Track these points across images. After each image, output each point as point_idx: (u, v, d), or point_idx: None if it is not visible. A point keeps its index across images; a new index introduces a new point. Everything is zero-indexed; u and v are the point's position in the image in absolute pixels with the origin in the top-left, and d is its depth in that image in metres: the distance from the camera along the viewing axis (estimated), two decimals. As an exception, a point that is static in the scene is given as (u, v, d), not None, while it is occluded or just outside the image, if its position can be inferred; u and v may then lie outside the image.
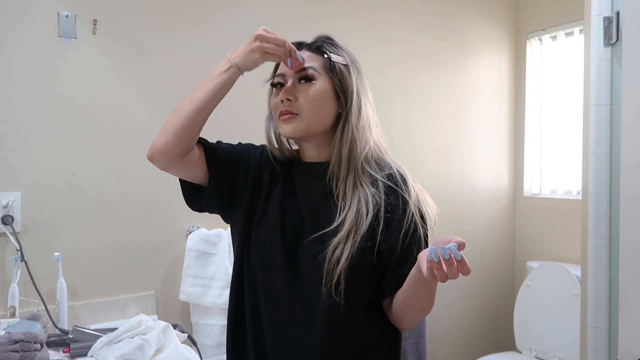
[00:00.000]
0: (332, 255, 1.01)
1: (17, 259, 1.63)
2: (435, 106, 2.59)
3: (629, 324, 1.46)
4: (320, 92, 1.06)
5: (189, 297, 1.88)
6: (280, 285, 1.07)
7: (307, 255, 1.05)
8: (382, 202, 1.04)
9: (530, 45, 2.82)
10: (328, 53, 1.08)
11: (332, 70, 1.07)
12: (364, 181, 1.06)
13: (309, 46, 1.10)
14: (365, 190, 1.05)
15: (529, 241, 2.81)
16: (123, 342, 1.44)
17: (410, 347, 2.30)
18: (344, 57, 1.10)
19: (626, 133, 1.49)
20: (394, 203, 1.05)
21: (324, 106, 1.07)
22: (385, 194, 1.05)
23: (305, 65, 1.06)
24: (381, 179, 1.06)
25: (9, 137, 1.67)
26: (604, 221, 1.60)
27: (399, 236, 1.04)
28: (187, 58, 1.96)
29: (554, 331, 2.36)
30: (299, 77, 1.07)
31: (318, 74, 1.07)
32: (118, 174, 1.84)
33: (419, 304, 1.05)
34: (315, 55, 1.08)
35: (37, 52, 1.70)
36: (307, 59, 1.07)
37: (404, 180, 1.08)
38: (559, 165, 2.69)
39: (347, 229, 1.02)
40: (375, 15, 2.40)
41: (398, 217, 1.04)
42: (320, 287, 1.02)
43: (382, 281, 1.07)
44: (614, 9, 1.58)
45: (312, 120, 1.06)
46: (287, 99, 1.06)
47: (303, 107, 1.06)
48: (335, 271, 1.00)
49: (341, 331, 1.05)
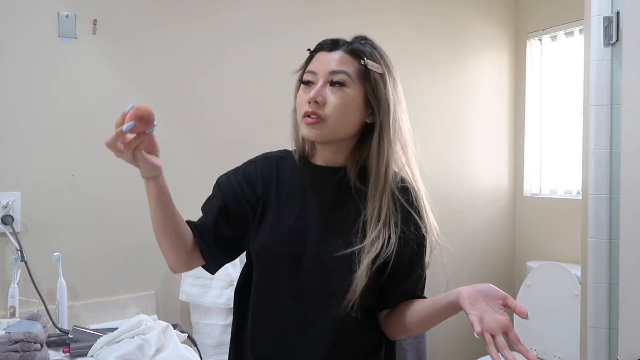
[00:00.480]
0: (355, 282, 0.98)
1: (17, 259, 1.63)
2: (435, 106, 2.59)
3: (629, 324, 1.45)
4: (350, 100, 1.01)
5: (189, 297, 1.88)
6: (286, 297, 1.05)
7: (318, 277, 1.02)
8: (399, 229, 1.02)
9: (530, 45, 2.82)
10: (365, 59, 1.02)
11: (367, 77, 1.03)
12: (391, 203, 1.02)
13: (346, 47, 1.04)
14: (391, 216, 1.02)
15: (529, 241, 2.81)
16: (123, 342, 1.44)
17: (410, 347, 2.30)
18: (381, 63, 1.05)
19: (626, 133, 1.49)
20: (409, 229, 1.04)
21: (351, 114, 1.02)
22: (404, 221, 1.03)
23: (338, 69, 1.01)
24: (403, 202, 1.04)
25: (9, 137, 1.67)
26: (604, 221, 1.60)
27: (407, 253, 1.04)
28: (187, 58, 1.96)
29: (554, 331, 2.36)
30: (331, 80, 1.01)
31: (351, 81, 1.02)
32: (118, 174, 1.84)
33: (428, 326, 1.07)
34: (351, 58, 1.03)
35: (37, 52, 1.70)
36: (340, 61, 1.02)
37: (418, 200, 1.06)
38: (559, 165, 2.69)
39: (372, 256, 0.99)
40: (375, 15, 2.40)
41: (410, 238, 1.04)
42: (330, 307, 1.01)
43: (386, 292, 1.06)
44: (614, 9, 1.58)
45: (337, 127, 1.02)
46: (315, 101, 1.00)
47: (330, 113, 1.00)
48: (355, 295, 0.99)
49: (349, 341, 1.04)
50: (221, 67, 2.01)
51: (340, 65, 1.02)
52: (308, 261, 1.03)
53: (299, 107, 1.05)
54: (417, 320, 1.04)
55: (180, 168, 1.94)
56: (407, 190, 1.06)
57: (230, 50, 2.03)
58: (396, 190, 1.04)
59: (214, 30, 2.00)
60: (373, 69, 1.03)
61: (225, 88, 2.02)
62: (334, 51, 1.03)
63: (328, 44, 1.05)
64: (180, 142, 1.95)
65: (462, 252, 2.66)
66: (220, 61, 2.02)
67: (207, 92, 1.99)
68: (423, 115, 2.55)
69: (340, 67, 1.02)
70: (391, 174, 1.03)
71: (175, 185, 1.92)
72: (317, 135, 1.02)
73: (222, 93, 2.02)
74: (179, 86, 1.95)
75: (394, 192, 1.04)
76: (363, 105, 1.03)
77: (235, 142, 2.03)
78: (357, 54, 1.03)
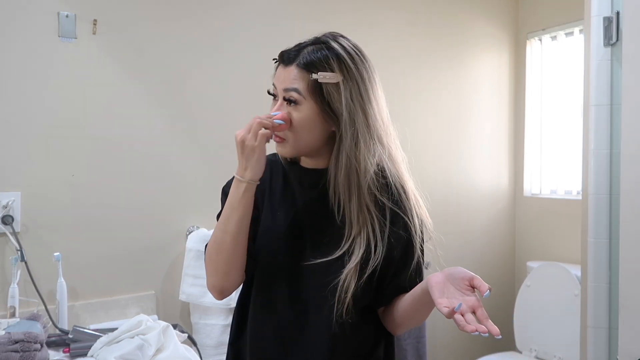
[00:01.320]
0: (343, 286, 0.98)
1: (17, 259, 1.63)
2: (435, 106, 2.59)
3: (629, 324, 1.45)
4: (304, 118, 0.99)
5: (189, 297, 1.88)
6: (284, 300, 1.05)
7: (312, 280, 1.03)
8: (387, 229, 1.02)
9: (530, 45, 2.82)
10: (315, 73, 0.97)
11: (319, 92, 0.98)
12: (370, 206, 1.00)
13: (300, 60, 0.99)
14: (372, 218, 1.00)
15: (529, 241, 2.81)
16: (123, 342, 1.44)
17: (410, 347, 2.30)
18: (336, 69, 0.99)
19: (626, 133, 1.49)
20: (396, 228, 1.03)
21: (309, 131, 1.00)
22: (391, 221, 1.02)
23: (290, 87, 0.99)
24: (385, 201, 1.02)
25: (9, 137, 1.67)
26: (604, 221, 1.60)
27: (398, 249, 1.03)
28: (187, 58, 1.95)
29: (554, 331, 2.36)
30: (285, 97, 1.00)
31: (302, 98, 0.98)
32: (118, 174, 1.84)
33: (418, 317, 1.06)
34: (303, 72, 0.98)
35: (37, 52, 1.70)
36: (293, 78, 0.99)
37: (407, 197, 1.05)
38: (559, 165, 2.69)
39: (356, 261, 0.98)
40: (374, 14, 2.39)
41: (399, 235, 1.03)
42: (325, 309, 1.01)
43: (380, 288, 1.06)
44: (614, 9, 1.58)
45: (299, 144, 1.01)
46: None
47: (291, 132, 1.00)
48: (346, 299, 0.98)
49: (347, 341, 1.03)
50: (221, 67, 2.01)
51: (291, 82, 0.99)
52: (301, 264, 1.03)
53: None
54: (403, 312, 1.04)
55: (180, 167, 1.94)
56: (388, 187, 1.03)
57: (230, 49, 2.03)
58: (376, 190, 1.02)
59: (214, 30, 2.00)
60: (325, 81, 0.98)
61: (226, 87, 2.02)
62: (289, 65, 1.00)
63: (285, 57, 1.02)
64: (181, 142, 1.95)
65: (462, 252, 2.66)
66: (220, 61, 2.01)
67: (207, 92, 1.99)
68: (423, 115, 2.55)
69: (292, 85, 0.99)
70: (356, 181, 1.00)
71: (175, 184, 1.93)
72: (284, 152, 1.04)
73: (222, 92, 2.02)
74: (179, 86, 1.95)
75: (374, 192, 1.02)
76: (321, 118, 1.00)
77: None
78: (308, 68, 0.98)
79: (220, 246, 1.01)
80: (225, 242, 1.00)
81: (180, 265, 1.91)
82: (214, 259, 1.03)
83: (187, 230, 1.94)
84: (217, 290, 1.05)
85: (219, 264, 1.02)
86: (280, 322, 1.05)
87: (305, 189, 1.08)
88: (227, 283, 1.04)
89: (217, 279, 1.04)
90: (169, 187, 1.93)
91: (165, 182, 1.92)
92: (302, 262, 1.03)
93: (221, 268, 1.02)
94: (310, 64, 0.99)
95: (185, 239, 1.93)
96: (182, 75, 1.95)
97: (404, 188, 1.05)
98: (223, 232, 1.01)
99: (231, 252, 1.01)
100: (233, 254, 1.01)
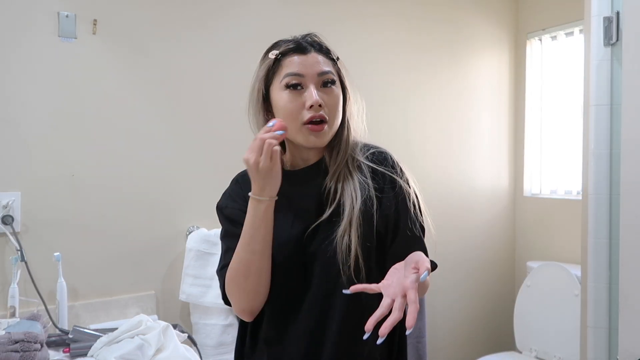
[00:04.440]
0: (342, 243, 1.00)
1: (17, 259, 1.63)
2: (435, 106, 2.59)
3: (629, 324, 1.46)
4: (339, 97, 1.06)
5: (189, 297, 1.88)
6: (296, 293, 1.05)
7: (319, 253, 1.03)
8: (369, 183, 1.05)
9: (530, 45, 2.82)
10: (337, 56, 1.08)
11: (339, 71, 1.08)
12: (353, 169, 1.06)
13: (315, 48, 1.06)
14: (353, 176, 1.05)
15: (529, 241, 2.81)
16: (123, 342, 1.44)
17: (410, 347, 2.29)
18: (335, 54, 1.10)
19: (626, 133, 1.49)
20: (381, 184, 1.06)
21: (340, 111, 1.07)
22: (372, 177, 1.06)
23: (326, 69, 1.04)
24: (364, 162, 1.07)
25: (9, 137, 1.67)
26: (604, 221, 1.60)
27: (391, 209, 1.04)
28: (187, 58, 1.96)
29: (554, 331, 2.36)
30: (322, 81, 1.04)
31: (336, 79, 1.06)
32: (118, 174, 1.84)
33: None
34: (326, 58, 1.06)
35: (37, 52, 1.70)
36: (322, 63, 1.05)
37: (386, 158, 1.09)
38: (559, 165, 2.69)
39: (348, 214, 1.01)
40: (374, 14, 2.39)
41: (387, 196, 1.05)
42: (339, 279, 1.00)
43: (384, 260, 1.04)
44: (614, 9, 1.58)
45: (335, 126, 1.06)
46: (318, 105, 1.01)
47: (331, 115, 1.04)
48: (351, 257, 0.99)
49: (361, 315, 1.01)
50: (221, 66, 2.01)
51: (325, 66, 1.05)
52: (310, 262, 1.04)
53: (291, 114, 1.02)
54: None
55: (180, 167, 1.94)
56: (374, 154, 1.10)
57: (230, 49, 2.03)
58: (364, 158, 1.08)
59: (213, 30, 2.00)
60: (340, 63, 1.09)
61: (226, 87, 2.02)
62: (309, 53, 1.05)
63: (302, 46, 1.05)
64: (181, 142, 1.95)
65: (462, 252, 2.66)
66: (220, 60, 2.01)
67: (207, 92, 1.99)
68: (423, 115, 2.55)
69: (327, 67, 1.05)
70: (351, 146, 1.08)
71: (175, 184, 1.93)
72: (325, 140, 1.05)
73: (222, 92, 2.02)
74: (179, 86, 1.95)
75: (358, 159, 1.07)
76: (340, 98, 1.08)
77: (236, 141, 2.02)
78: (327, 53, 1.08)
79: (248, 269, 1.00)
80: (254, 263, 1.00)
81: (180, 265, 1.91)
82: (242, 283, 1.01)
83: (187, 230, 1.94)
84: (248, 312, 1.05)
85: (248, 287, 1.01)
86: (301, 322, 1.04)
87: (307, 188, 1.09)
88: (258, 302, 1.04)
89: (248, 302, 1.03)
90: (169, 187, 1.93)
91: (165, 182, 1.92)
92: (310, 261, 1.04)
93: (252, 289, 1.02)
94: (327, 49, 1.08)
95: (185, 239, 1.93)
96: (182, 75, 1.95)
97: (386, 154, 1.11)
98: (250, 254, 1.00)
99: (260, 271, 1.01)
100: (262, 273, 1.01)
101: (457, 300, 2.66)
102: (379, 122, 2.37)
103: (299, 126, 1.02)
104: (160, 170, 1.92)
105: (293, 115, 1.02)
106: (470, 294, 2.71)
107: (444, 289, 2.58)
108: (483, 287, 2.75)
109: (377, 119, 2.39)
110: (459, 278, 2.66)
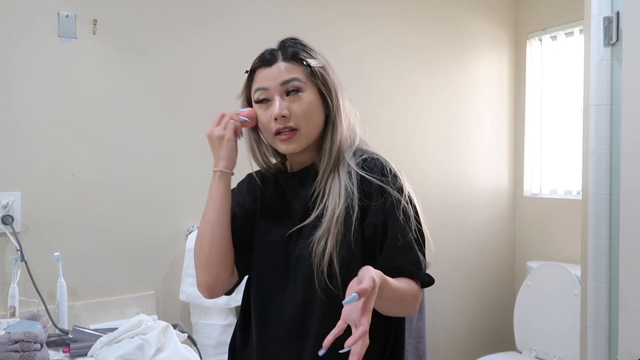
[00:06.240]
0: (317, 247, 1.00)
1: (17, 259, 1.63)
2: (435, 106, 2.59)
3: (629, 324, 1.45)
4: (310, 102, 1.05)
5: (189, 297, 1.88)
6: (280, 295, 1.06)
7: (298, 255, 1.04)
8: (354, 190, 1.02)
9: (530, 45, 2.82)
10: (306, 60, 1.06)
11: (315, 76, 1.06)
12: (342, 173, 1.05)
13: (283, 56, 1.06)
14: (340, 181, 1.04)
15: (529, 241, 2.81)
16: (123, 342, 1.44)
17: (410, 347, 2.30)
18: (318, 58, 1.08)
19: (626, 133, 1.49)
20: (368, 191, 1.03)
21: (315, 115, 1.06)
22: (358, 183, 1.03)
23: (288, 78, 1.04)
24: (355, 168, 1.05)
25: (9, 137, 1.67)
26: (604, 221, 1.60)
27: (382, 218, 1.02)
28: (187, 58, 1.96)
29: (554, 331, 2.36)
30: (286, 90, 1.05)
31: (304, 84, 1.05)
32: (118, 174, 1.84)
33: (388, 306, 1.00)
34: (294, 64, 1.06)
35: (37, 52, 1.70)
36: (286, 70, 1.05)
37: (376, 165, 1.05)
38: (559, 165, 2.69)
39: (328, 220, 1.00)
40: (373, 14, 2.39)
41: (375, 204, 1.02)
42: (313, 284, 1.00)
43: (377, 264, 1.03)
44: (614, 9, 1.58)
45: (309, 132, 1.06)
46: (282, 116, 1.03)
47: (300, 122, 1.04)
48: (324, 262, 0.99)
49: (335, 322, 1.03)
50: (221, 67, 2.01)
51: (288, 74, 1.05)
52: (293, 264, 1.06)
53: (264, 127, 1.08)
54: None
55: (180, 167, 1.94)
56: (365, 160, 1.07)
57: (230, 49, 2.03)
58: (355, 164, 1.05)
59: (213, 30, 2.00)
60: (316, 66, 1.06)
61: (226, 87, 2.01)
62: (274, 64, 1.06)
63: (265, 59, 1.07)
64: (181, 142, 1.95)
65: (462, 252, 2.66)
66: (220, 60, 2.01)
67: (207, 91, 1.99)
68: (422, 115, 2.55)
69: (290, 75, 1.05)
70: (343, 152, 1.07)
71: (175, 184, 1.93)
72: (295, 147, 1.06)
73: (222, 92, 2.01)
74: (179, 85, 1.95)
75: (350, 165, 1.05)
76: (320, 101, 1.07)
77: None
78: (297, 58, 1.06)
79: (201, 238, 1.06)
80: (207, 233, 1.05)
81: (180, 265, 1.91)
82: (197, 254, 1.07)
83: (187, 230, 1.94)
84: (204, 286, 1.08)
85: (202, 257, 1.06)
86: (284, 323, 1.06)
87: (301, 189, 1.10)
88: (212, 278, 1.06)
89: (202, 275, 1.07)
90: (169, 187, 1.93)
91: (166, 182, 1.92)
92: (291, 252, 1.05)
93: (204, 260, 1.06)
94: (295, 54, 1.07)
95: (185, 239, 1.93)
96: (182, 75, 1.95)
97: (378, 161, 1.07)
98: (204, 224, 1.06)
99: (212, 242, 1.05)
100: (214, 244, 1.05)
101: (457, 300, 2.66)
102: (379, 122, 2.37)
103: (272, 137, 1.07)
104: (161, 170, 1.92)
105: (265, 127, 1.08)
106: (470, 294, 2.71)
107: (444, 289, 2.58)
108: (483, 287, 2.75)
109: (377, 119, 2.41)
110: (459, 278, 2.66)
